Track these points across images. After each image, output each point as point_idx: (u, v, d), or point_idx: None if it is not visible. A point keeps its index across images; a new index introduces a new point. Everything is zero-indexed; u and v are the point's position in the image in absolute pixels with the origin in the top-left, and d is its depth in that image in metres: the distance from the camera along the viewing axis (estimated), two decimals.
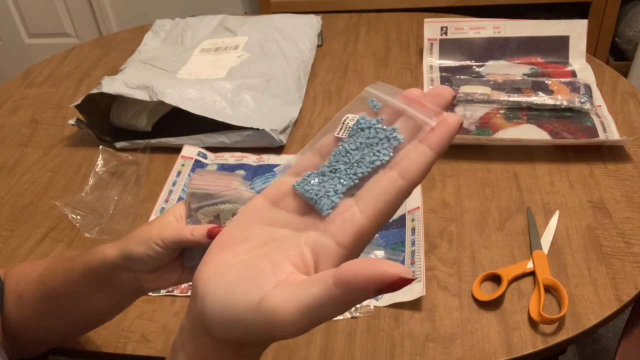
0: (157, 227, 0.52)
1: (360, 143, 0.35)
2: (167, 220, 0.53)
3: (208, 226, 0.51)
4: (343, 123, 0.37)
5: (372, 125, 0.36)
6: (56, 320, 0.60)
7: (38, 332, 0.61)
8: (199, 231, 0.51)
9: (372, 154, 0.35)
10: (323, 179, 0.36)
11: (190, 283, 0.73)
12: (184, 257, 0.55)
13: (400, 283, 0.29)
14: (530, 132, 0.94)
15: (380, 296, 0.71)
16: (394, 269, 0.29)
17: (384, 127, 0.35)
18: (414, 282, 0.70)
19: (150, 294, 0.73)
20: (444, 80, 1.08)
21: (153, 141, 0.97)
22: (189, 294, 0.73)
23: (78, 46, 1.34)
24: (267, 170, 0.91)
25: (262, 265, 0.33)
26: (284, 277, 0.32)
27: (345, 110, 0.37)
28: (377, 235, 0.78)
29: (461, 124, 0.34)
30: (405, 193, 0.33)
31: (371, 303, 0.71)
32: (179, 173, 0.91)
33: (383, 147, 0.35)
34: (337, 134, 0.37)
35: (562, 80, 1.03)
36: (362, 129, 0.36)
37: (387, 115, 0.36)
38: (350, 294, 0.29)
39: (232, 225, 0.36)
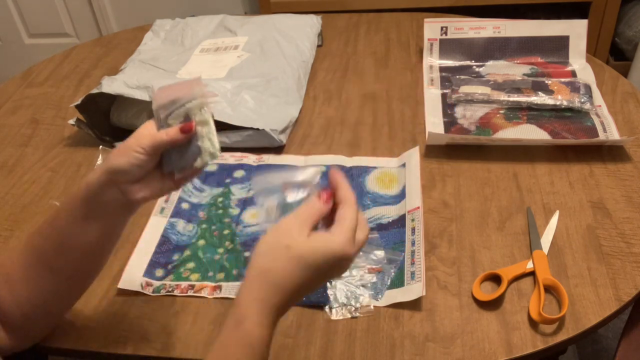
0: (133, 139, 0.57)
1: None
2: (141, 132, 0.57)
3: (178, 126, 0.57)
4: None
5: None
6: (52, 281, 0.60)
7: (36, 305, 0.61)
8: (172, 130, 0.57)
9: None
10: None
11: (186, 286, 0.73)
12: (163, 165, 0.59)
13: None
14: (530, 132, 0.94)
15: (380, 296, 0.71)
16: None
17: None
18: (414, 282, 0.70)
19: (150, 294, 0.73)
20: (444, 80, 1.08)
21: None
22: (189, 294, 0.73)
23: (78, 46, 1.34)
24: (267, 170, 0.91)
25: None
26: None
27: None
28: (377, 235, 0.78)
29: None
30: None
31: (371, 303, 0.71)
32: None
33: None
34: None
35: (562, 80, 1.03)
36: None
37: None
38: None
39: None
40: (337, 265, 0.51)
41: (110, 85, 0.97)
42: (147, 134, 0.57)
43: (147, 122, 0.59)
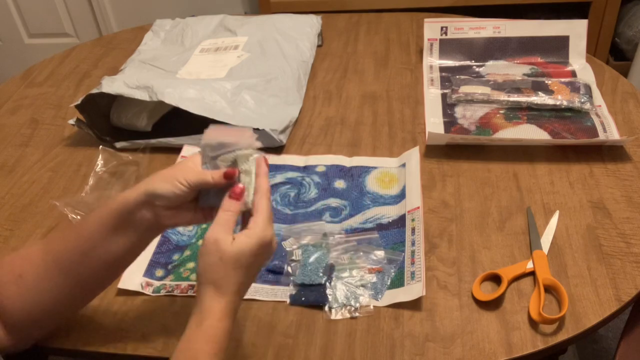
0: (180, 170, 0.60)
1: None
2: (188, 166, 0.61)
3: (224, 170, 0.60)
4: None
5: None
6: (64, 285, 0.61)
7: (44, 307, 0.61)
8: (217, 174, 0.60)
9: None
10: None
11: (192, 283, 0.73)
12: (200, 199, 0.63)
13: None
14: (530, 132, 0.94)
15: (380, 296, 0.71)
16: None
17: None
18: (414, 282, 0.70)
19: (150, 294, 0.73)
20: (444, 80, 1.08)
21: (153, 141, 0.97)
22: (189, 294, 0.73)
23: (78, 46, 1.34)
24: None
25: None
26: None
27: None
28: (377, 235, 0.78)
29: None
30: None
31: (371, 303, 0.71)
32: None
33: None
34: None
35: (562, 80, 1.03)
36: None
37: None
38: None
39: None
40: (262, 250, 0.58)
41: (110, 85, 0.96)
42: (193, 168, 0.61)
43: (194, 155, 0.62)
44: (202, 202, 0.63)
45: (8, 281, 0.61)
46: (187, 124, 0.95)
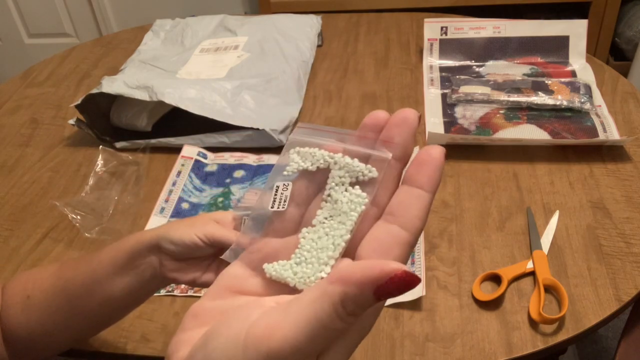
0: (200, 220, 0.55)
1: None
2: (208, 220, 0.55)
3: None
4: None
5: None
6: (69, 314, 0.59)
7: (46, 333, 0.60)
8: (244, 239, 0.47)
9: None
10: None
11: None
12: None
13: (401, 279, 0.25)
14: (530, 132, 0.94)
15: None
16: (395, 265, 0.25)
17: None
18: None
19: None
20: (444, 80, 1.08)
21: (153, 141, 0.97)
22: (189, 294, 0.73)
23: (78, 46, 1.34)
24: (267, 170, 0.91)
25: (241, 302, 0.30)
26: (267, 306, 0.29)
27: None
28: None
29: (445, 154, 0.30)
30: (411, 246, 0.29)
31: None
32: (179, 173, 0.91)
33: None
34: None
35: (562, 80, 1.03)
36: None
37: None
38: (348, 294, 0.25)
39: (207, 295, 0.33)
40: None
41: (110, 85, 0.96)
42: (215, 225, 0.54)
43: (227, 212, 0.57)
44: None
45: (18, 302, 0.60)
46: (187, 124, 0.95)
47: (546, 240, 0.76)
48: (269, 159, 0.94)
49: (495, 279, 0.72)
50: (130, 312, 0.62)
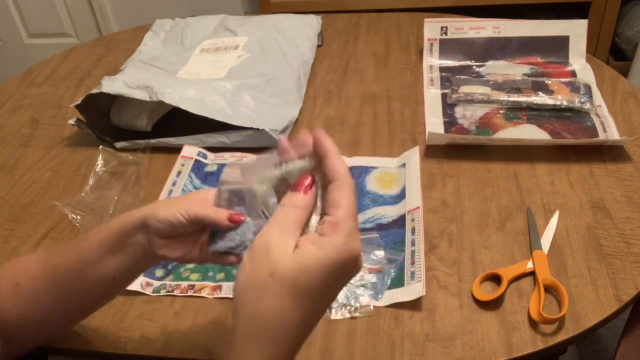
0: (184, 200, 0.56)
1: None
2: (194, 198, 0.56)
3: (229, 211, 0.52)
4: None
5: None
6: (59, 299, 0.60)
7: (37, 320, 0.61)
8: (220, 214, 0.52)
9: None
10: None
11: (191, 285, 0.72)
12: (209, 241, 0.56)
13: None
14: (530, 132, 0.94)
15: (380, 296, 0.71)
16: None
17: None
18: (414, 282, 0.70)
19: (150, 294, 0.73)
20: (444, 80, 1.08)
21: (153, 141, 0.97)
22: (189, 294, 0.73)
23: (78, 46, 1.34)
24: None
25: None
26: None
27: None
28: (377, 235, 0.78)
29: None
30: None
31: (371, 303, 0.71)
32: (179, 173, 0.91)
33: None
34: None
35: (562, 80, 1.03)
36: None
37: None
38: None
39: None
40: (341, 272, 0.40)
41: (110, 85, 0.96)
42: (198, 202, 0.55)
43: (210, 189, 0.57)
44: (211, 245, 0.55)
45: (6, 290, 0.60)
46: (187, 124, 0.95)
47: (546, 240, 0.76)
48: None
49: (495, 279, 0.73)
50: (121, 291, 0.63)
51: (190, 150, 0.95)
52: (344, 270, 0.39)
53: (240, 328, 0.38)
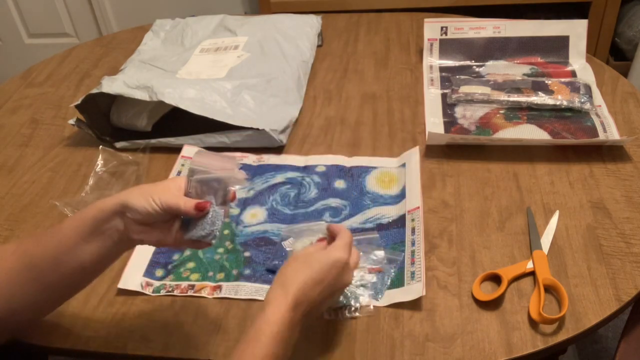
0: (159, 189, 0.60)
1: None
2: (169, 187, 0.61)
3: (197, 201, 0.60)
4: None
5: None
6: (36, 289, 0.60)
7: (14, 311, 0.60)
8: (189, 204, 0.60)
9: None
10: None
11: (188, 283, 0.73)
12: (182, 229, 0.62)
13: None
14: (530, 132, 0.94)
15: (380, 296, 0.71)
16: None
17: None
18: (414, 282, 0.70)
19: (150, 294, 0.73)
20: (444, 80, 1.08)
21: (153, 141, 0.97)
22: (189, 294, 0.73)
23: (78, 46, 1.34)
24: (267, 170, 0.91)
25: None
26: None
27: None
28: (377, 235, 0.78)
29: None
30: None
31: (371, 303, 0.71)
32: (179, 173, 0.91)
33: None
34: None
35: (562, 80, 1.03)
36: None
37: None
38: None
39: None
40: (336, 271, 0.61)
41: (110, 85, 0.96)
42: (171, 190, 0.60)
43: (180, 177, 0.63)
44: (185, 234, 0.62)
45: None
46: (187, 124, 0.95)
47: (546, 240, 0.76)
48: (269, 159, 0.94)
49: (495, 279, 0.73)
50: (99, 276, 0.64)
51: (190, 150, 0.95)
52: (336, 267, 0.61)
53: (275, 277, 0.61)
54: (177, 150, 0.95)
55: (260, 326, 0.56)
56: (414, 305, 0.70)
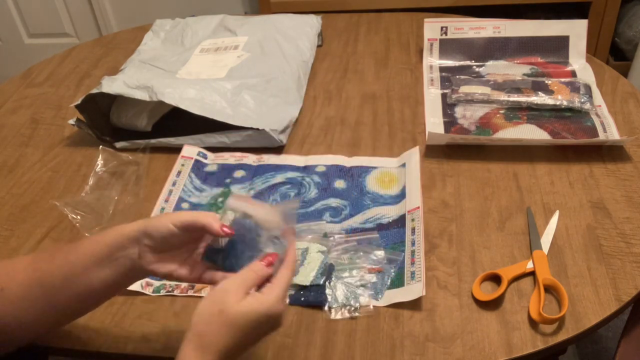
0: (175, 213, 0.60)
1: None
2: (183, 211, 0.62)
3: (224, 224, 0.58)
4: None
5: None
6: (46, 306, 0.60)
7: (21, 325, 0.60)
8: (211, 217, 0.58)
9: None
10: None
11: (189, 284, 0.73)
12: (206, 253, 0.61)
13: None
14: (530, 132, 0.94)
15: (380, 296, 0.71)
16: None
17: None
18: (414, 282, 0.70)
19: (150, 294, 0.73)
20: (444, 80, 1.08)
21: (153, 141, 0.97)
22: (189, 293, 0.73)
23: (78, 46, 1.34)
24: (267, 170, 0.91)
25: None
26: None
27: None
28: (377, 235, 0.78)
29: None
30: None
31: (371, 303, 0.71)
32: (179, 173, 0.91)
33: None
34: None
35: (562, 80, 1.03)
36: None
37: None
38: None
39: None
40: (267, 323, 0.55)
41: (110, 85, 0.97)
42: (187, 212, 0.61)
43: (211, 213, 0.60)
44: (207, 256, 0.61)
45: None
46: (187, 124, 0.95)
47: (546, 240, 0.76)
48: (269, 159, 0.94)
49: (495, 279, 0.73)
50: (107, 301, 0.64)
51: (190, 150, 0.95)
52: (270, 321, 0.55)
53: (189, 336, 0.53)
54: (177, 150, 0.95)
55: None
56: (414, 305, 0.70)
